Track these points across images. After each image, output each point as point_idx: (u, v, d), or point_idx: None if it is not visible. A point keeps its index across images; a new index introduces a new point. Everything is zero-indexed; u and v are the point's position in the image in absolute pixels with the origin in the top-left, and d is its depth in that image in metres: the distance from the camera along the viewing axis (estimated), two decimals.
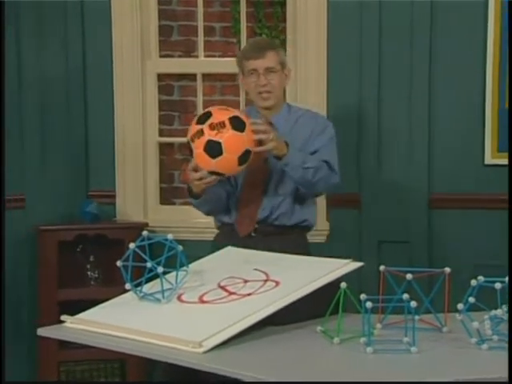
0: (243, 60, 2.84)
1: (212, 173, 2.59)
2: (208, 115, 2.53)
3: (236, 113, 2.57)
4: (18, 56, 3.63)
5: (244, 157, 2.54)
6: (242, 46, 3.73)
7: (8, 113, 3.63)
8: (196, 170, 2.61)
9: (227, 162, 2.52)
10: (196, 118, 2.57)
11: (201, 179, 2.62)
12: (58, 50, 3.70)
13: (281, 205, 2.83)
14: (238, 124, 2.52)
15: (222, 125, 2.49)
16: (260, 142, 2.60)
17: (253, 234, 2.83)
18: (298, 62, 3.57)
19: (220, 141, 2.49)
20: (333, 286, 2.21)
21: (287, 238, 2.82)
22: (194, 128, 2.54)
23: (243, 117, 2.57)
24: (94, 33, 3.71)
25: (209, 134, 2.49)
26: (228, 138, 2.49)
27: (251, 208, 2.84)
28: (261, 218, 2.83)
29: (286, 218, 2.84)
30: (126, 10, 3.65)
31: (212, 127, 2.49)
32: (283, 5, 3.95)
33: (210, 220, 3.71)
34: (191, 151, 2.56)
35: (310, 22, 3.52)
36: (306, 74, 3.56)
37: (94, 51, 3.74)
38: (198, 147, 2.52)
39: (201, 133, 2.50)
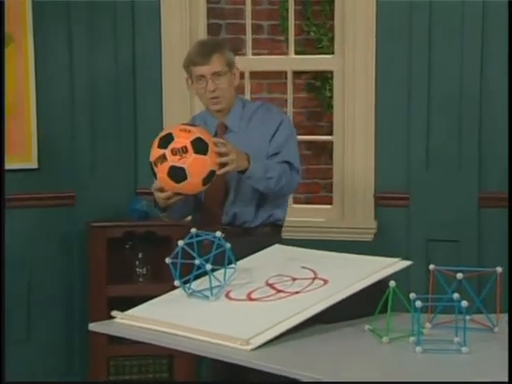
0: (190, 65, 2.79)
1: (176, 193, 2.56)
2: (170, 139, 2.47)
3: (198, 133, 2.50)
4: (70, 56, 3.68)
5: (208, 178, 2.51)
6: (290, 44, 3.73)
7: (59, 112, 3.69)
8: (161, 190, 2.58)
9: (192, 185, 2.50)
10: (157, 140, 2.51)
11: (168, 198, 2.60)
12: (108, 49, 3.74)
13: (243, 211, 2.80)
14: (200, 147, 2.47)
15: (184, 149, 2.44)
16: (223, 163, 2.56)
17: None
18: (345, 60, 3.55)
19: (184, 166, 2.45)
20: (381, 284, 2.20)
21: (255, 239, 2.76)
22: (156, 151, 2.49)
23: (205, 137, 2.51)
24: (143, 32, 3.74)
25: (172, 160, 2.45)
26: (191, 162, 2.45)
27: (214, 213, 2.81)
28: (225, 223, 2.81)
29: (250, 221, 2.81)
30: (175, 9, 3.67)
31: (174, 152, 2.44)
32: (331, 2, 3.94)
33: None
34: (154, 173, 2.52)
35: (359, 19, 3.50)
36: (353, 72, 3.54)
37: (144, 50, 3.77)
38: (162, 172, 2.48)
39: (163, 158, 2.45)
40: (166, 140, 2.48)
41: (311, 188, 4.63)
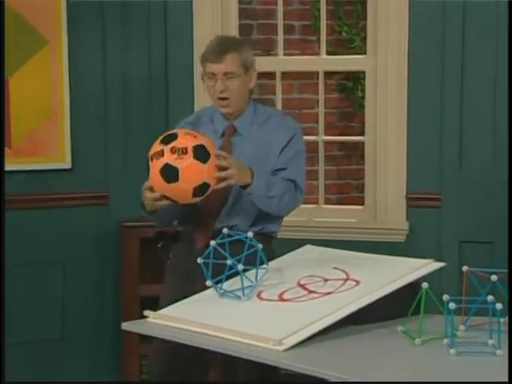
0: (203, 61, 2.70)
1: (164, 196, 2.45)
2: (173, 137, 2.40)
3: (203, 141, 2.41)
4: (103, 56, 3.71)
5: (201, 189, 2.40)
6: (322, 44, 3.72)
7: (92, 112, 3.72)
8: (152, 189, 2.48)
9: (181, 191, 2.40)
10: (162, 137, 2.44)
11: (155, 200, 2.49)
12: (140, 49, 3.76)
13: (239, 223, 2.67)
14: (201, 154, 2.38)
15: (183, 151, 2.36)
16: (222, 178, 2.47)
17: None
18: (377, 60, 3.54)
19: (178, 167, 2.35)
20: (413, 286, 2.19)
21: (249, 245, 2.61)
22: (156, 146, 2.41)
23: (209, 147, 2.42)
24: (175, 32, 3.76)
25: (168, 158, 2.36)
26: (187, 165, 2.36)
27: (208, 220, 2.69)
28: (218, 229, 2.63)
29: (244, 230, 2.64)
30: (207, 10, 3.68)
31: (173, 151, 2.36)
32: (364, 2, 3.92)
33: (288, 218, 3.73)
34: (148, 167, 2.44)
35: (391, 19, 3.48)
36: (385, 72, 3.52)
37: (176, 50, 3.79)
38: (155, 167, 2.39)
39: (161, 154, 2.37)
40: (169, 138, 2.41)
41: (343, 188, 4.62)
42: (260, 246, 2.32)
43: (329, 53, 3.86)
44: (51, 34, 3.55)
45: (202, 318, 2.17)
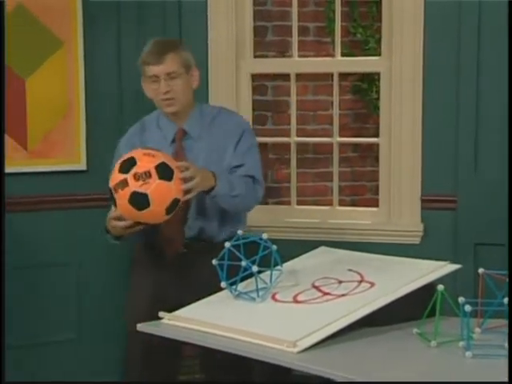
0: (144, 65, 2.68)
1: (137, 222, 2.44)
2: (132, 163, 2.33)
3: (162, 158, 2.37)
4: (118, 56, 3.71)
5: (172, 206, 2.38)
6: (337, 46, 3.72)
7: (107, 113, 3.72)
8: (120, 218, 2.46)
9: (154, 214, 2.36)
10: (118, 165, 2.37)
11: (127, 228, 2.48)
12: None
13: (207, 226, 2.71)
14: (165, 172, 2.34)
15: (147, 174, 2.31)
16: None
17: (184, 251, 2.70)
18: (393, 62, 3.53)
19: (146, 192, 2.31)
20: (428, 288, 2.18)
21: (219, 252, 2.59)
22: (116, 176, 2.35)
23: (170, 162, 2.39)
24: (190, 33, 3.76)
25: (134, 185, 2.30)
26: (155, 188, 2.31)
27: (177, 227, 2.69)
28: (188, 237, 2.72)
29: (214, 236, 2.71)
30: (222, 11, 3.68)
31: (137, 177, 2.31)
32: (379, 4, 3.92)
33: (302, 220, 3.73)
34: (114, 200, 2.38)
35: (406, 20, 3.47)
36: (400, 73, 3.51)
37: (190, 51, 3.78)
38: (122, 198, 2.33)
39: (125, 183, 2.31)
40: (128, 164, 2.34)
41: (357, 190, 4.61)
42: (275, 247, 2.32)
43: (343, 54, 3.85)
44: (67, 36, 3.56)
45: (216, 320, 2.18)
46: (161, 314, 2.29)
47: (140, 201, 2.32)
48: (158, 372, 2.75)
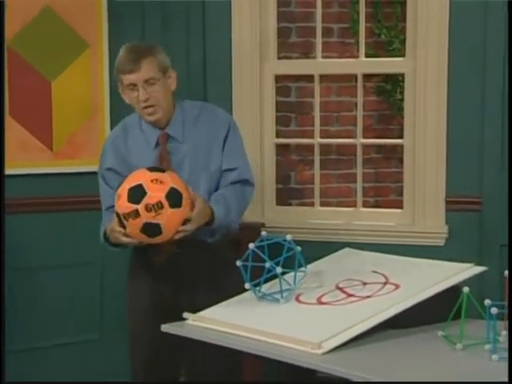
0: (120, 74, 2.58)
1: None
2: (142, 193, 2.31)
3: (171, 182, 2.35)
4: None
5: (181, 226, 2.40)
6: (361, 47, 3.70)
7: (132, 112, 3.72)
8: (127, 235, 2.42)
9: (166, 238, 2.39)
10: (126, 192, 2.34)
11: (134, 244, 2.47)
12: (179, 49, 3.78)
13: (200, 228, 2.58)
14: (175, 199, 2.33)
15: (159, 205, 2.30)
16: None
17: (178, 251, 2.61)
18: (417, 63, 3.51)
19: (159, 223, 2.32)
20: (453, 290, 2.17)
21: (212, 253, 2.63)
22: (126, 205, 2.33)
23: (178, 185, 2.37)
24: (214, 35, 3.76)
25: (146, 217, 2.31)
26: (168, 218, 2.32)
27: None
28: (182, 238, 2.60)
29: (209, 236, 2.62)
30: (246, 12, 3.69)
31: (148, 209, 2.30)
32: (403, 4, 3.90)
33: (326, 221, 3.72)
34: (122, 224, 2.38)
35: (431, 20, 3.45)
36: (425, 74, 3.49)
37: (214, 53, 3.80)
38: (134, 227, 2.34)
39: (136, 213, 2.31)
40: (138, 193, 2.32)
41: (381, 191, 4.60)
42: (299, 248, 2.32)
43: (367, 55, 3.83)
44: (92, 37, 3.58)
45: (240, 321, 2.18)
46: (185, 314, 2.30)
47: (153, 230, 2.34)
48: (161, 373, 2.74)
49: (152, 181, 2.34)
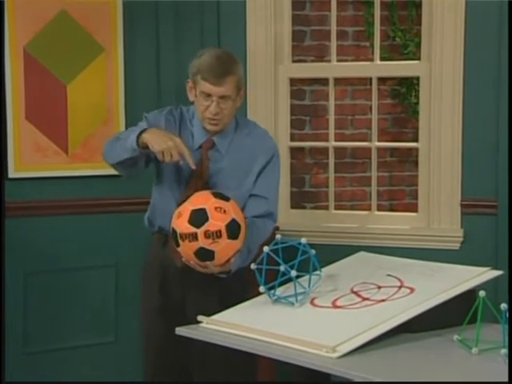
0: (199, 77, 2.58)
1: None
2: (204, 218, 2.34)
3: (232, 213, 2.38)
4: (157, 56, 3.72)
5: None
6: (376, 50, 3.70)
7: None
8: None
9: (215, 265, 2.41)
10: (189, 213, 2.36)
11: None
12: (193, 50, 3.77)
13: None
14: (233, 231, 2.36)
15: (218, 234, 2.33)
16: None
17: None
18: (432, 66, 3.50)
19: (214, 250, 2.35)
20: (469, 294, 2.16)
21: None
22: (185, 226, 2.35)
23: (238, 216, 2.40)
24: (228, 38, 3.76)
25: (203, 242, 2.34)
26: (223, 247, 2.36)
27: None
28: None
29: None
30: (261, 15, 3.69)
31: (207, 235, 2.33)
32: (418, 7, 3.89)
33: (340, 225, 3.72)
34: (177, 241, 2.40)
35: (447, 24, 3.44)
36: (440, 77, 3.48)
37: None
38: (188, 248, 2.37)
39: (194, 237, 2.34)
40: (200, 218, 2.34)
41: (396, 195, 4.58)
42: (313, 251, 2.32)
43: (382, 58, 3.83)
44: (107, 41, 3.60)
45: (254, 324, 2.18)
46: (200, 317, 2.30)
47: (206, 255, 2.37)
48: (172, 374, 2.74)
49: (216, 208, 2.37)
